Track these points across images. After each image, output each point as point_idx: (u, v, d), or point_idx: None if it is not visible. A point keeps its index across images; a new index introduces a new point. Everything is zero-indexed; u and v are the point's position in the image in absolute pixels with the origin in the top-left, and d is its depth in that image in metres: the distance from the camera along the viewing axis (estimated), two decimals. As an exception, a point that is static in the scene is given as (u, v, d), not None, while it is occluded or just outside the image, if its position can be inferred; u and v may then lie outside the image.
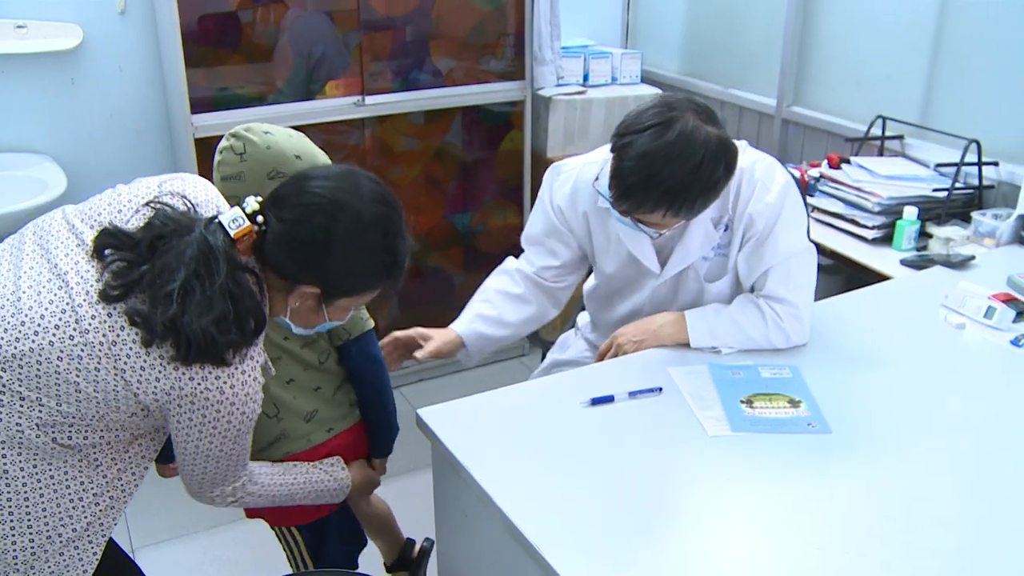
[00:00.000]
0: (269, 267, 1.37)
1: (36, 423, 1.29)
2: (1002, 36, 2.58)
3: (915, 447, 1.54)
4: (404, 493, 2.68)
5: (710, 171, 1.62)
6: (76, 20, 2.82)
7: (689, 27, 3.73)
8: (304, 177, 1.39)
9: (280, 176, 1.64)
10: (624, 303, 2.01)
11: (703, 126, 1.62)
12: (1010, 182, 2.58)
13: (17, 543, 1.32)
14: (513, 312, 1.98)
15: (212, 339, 1.25)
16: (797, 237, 1.82)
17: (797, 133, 3.26)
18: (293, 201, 1.35)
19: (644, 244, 1.86)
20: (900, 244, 2.50)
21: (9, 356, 1.26)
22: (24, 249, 1.35)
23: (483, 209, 3.49)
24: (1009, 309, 1.95)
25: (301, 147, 1.70)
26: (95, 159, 3.00)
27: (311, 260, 1.36)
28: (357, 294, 1.44)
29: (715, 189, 1.66)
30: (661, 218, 1.68)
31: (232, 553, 2.58)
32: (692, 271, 1.89)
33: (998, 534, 1.33)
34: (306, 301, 1.42)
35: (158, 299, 1.24)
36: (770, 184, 1.80)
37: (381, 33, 3.03)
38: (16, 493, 1.30)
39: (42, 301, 1.27)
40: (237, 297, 1.29)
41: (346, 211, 1.35)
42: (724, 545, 1.33)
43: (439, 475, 1.64)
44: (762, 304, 1.82)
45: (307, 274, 1.37)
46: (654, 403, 1.66)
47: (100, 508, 1.39)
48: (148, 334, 1.25)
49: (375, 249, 1.39)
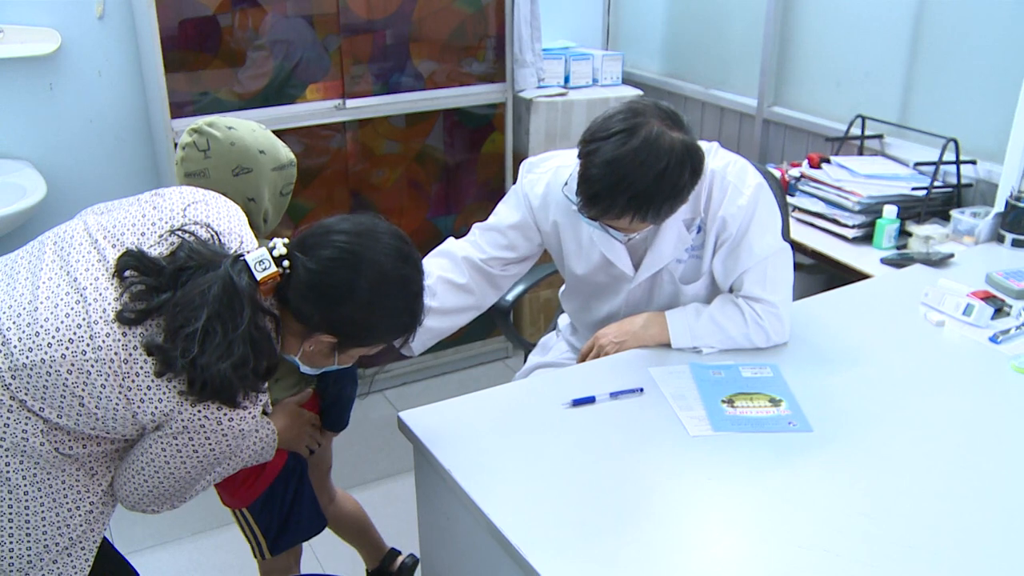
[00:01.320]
0: (289, 310, 1.39)
1: (41, 431, 1.30)
2: (979, 35, 2.60)
3: (895, 445, 1.54)
4: (386, 497, 2.68)
5: (676, 176, 1.62)
6: (54, 24, 2.80)
7: (670, 28, 3.74)
8: (329, 229, 1.39)
9: (244, 172, 1.63)
10: (600, 306, 2.01)
11: (668, 132, 1.62)
12: (988, 180, 2.60)
13: (15, 550, 1.32)
14: (455, 302, 1.93)
15: (228, 383, 1.28)
16: (772, 238, 1.83)
17: (778, 133, 3.27)
18: (320, 251, 1.36)
19: (617, 247, 1.87)
20: (880, 243, 2.51)
21: (20, 365, 1.27)
22: (43, 258, 1.36)
23: (465, 211, 3.48)
24: (987, 306, 1.96)
25: (265, 142, 1.69)
26: (75, 164, 2.98)
27: (333, 311, 1.37)
28: (371, 345, 1.47)
29: (681, 194, 1.67)
30: (628, 223, 1.68)
31: (216, 559, 2.57)
32: (667, 273, 1.89)
33: (977, 530, 1.33)
34: (320, 347, 1.44)
35: (178, 336, 1.26)
36: (742, 187, 1.80)
37: (361, 36, 3.02)
38: (17, 501, 1.31)
39: (59, 314, 1.28)
40: (257, 342, 1.30)
41: (372, 268, 1.36)
42: (706, 544, 1.33)
43: (421, 478, 1.64)
44: (741, 303, 1.83)
45: (327, 324, 1.39)
46: (635, 404, 1.66)
47: (93, 516, 1.40)
48: (163, 367, 1.27)
49: (396, 309, 1.41)
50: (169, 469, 1.37)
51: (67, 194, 2.96)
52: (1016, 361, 1.80)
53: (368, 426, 3.16)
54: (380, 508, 2.54)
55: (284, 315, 1.39)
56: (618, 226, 1.71)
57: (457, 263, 1.94)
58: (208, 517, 2.65)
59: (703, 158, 1.68)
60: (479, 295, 1.96)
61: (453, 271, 1.93)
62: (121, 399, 1.29)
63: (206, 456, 1.37)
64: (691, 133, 1.66)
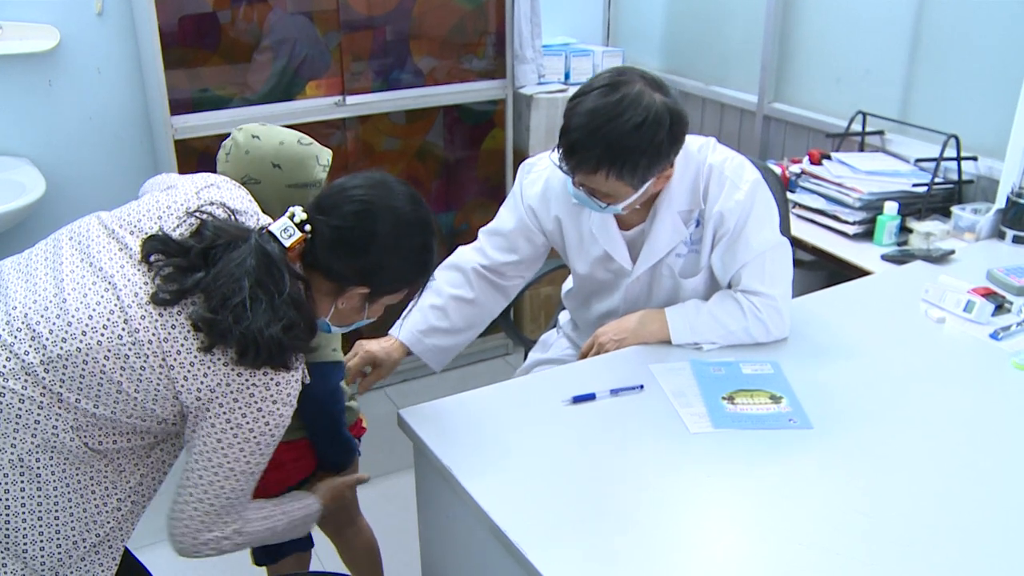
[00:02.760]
0: (318, 272, 1.43)
1: (71, 426, 1.31)
2: (979, 32, 2.59)
3: (895, 442, 1.54)
4: (386, 494, 2.68)
5: (652, 132, 1.62)
6: (52, 21, 2.80)
7: (670, 24, 3.74)
8: (344, 187, 1.45)
9: (252, 182, 1.63)
10: (600, 303, 2.01)
11: (651, 91, 1.64)
12: (989, 177, 2.59)
13: (46, 548, 1.33)
14: (467, 319, 1.97)
15: (281, 345, 1.32)
16: (769, 233, 1.83)
17: (778, 129, 3.27)
18: (339, 208, 1.41)
19: (616, 241, 1.87)
20: (881, 239, 2.51)
21: (54, 356, 1.29)
22: (61, 253, 1.38)
23: (465, 208, 3.48)
24: (988, 303, 1.96)
25: (288, 158, 1.67)
26: (74, 161, 2.98)
27: (363, 260, 1.43)
28: (398, 290, 1.52)
29: (658, 152, 1.65)
30: (605, 180, 1.66)
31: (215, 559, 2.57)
32: (666, 268, 1.89)
33: (977, 527, 1.33)
34: (352, 301, 1.48)
35: (226, 308, 1.29)
36: (739, 182, 1.80)
37: (361, 33, 3.02)
38: (47, 497, 1.32)
39: (88, 303, 1.31)
40: (300, 304, 1.36)
41: (389, 213, 1.43)
42: (706, 541, 1.33)
43: (421, 475, 1.64)
44: (740, 297, 1.83)
45: (358, 275, 1.44)
46: (636, 401, 1.66)
47: (121, 514, 1.41)
48: (211, 339, 1.30)
49: (416, 247, 1.47)
50: (217, 467, 1.37)
51: (66, 191, 2.96)
52: (1017, 358, 1.79)
53: (368, 423, 3.16)
54: (380, 505, 2.53)
55: (312, 277, 1.43)
56: (596, 186, 1.69)
57: (467, 276, 1.97)
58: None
59: (684, 124, 1.67)
60: (489, 306, 2.00)
61: (463, 286, 1.96)
62: (163, 379, 1.31)
63: (258, 436, 1.37)
64: (675, 100, 1.67)
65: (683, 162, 1.79)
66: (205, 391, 1.33)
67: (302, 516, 1.60)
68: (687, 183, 1.81)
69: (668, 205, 1.81)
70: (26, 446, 1.29)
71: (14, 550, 1.31)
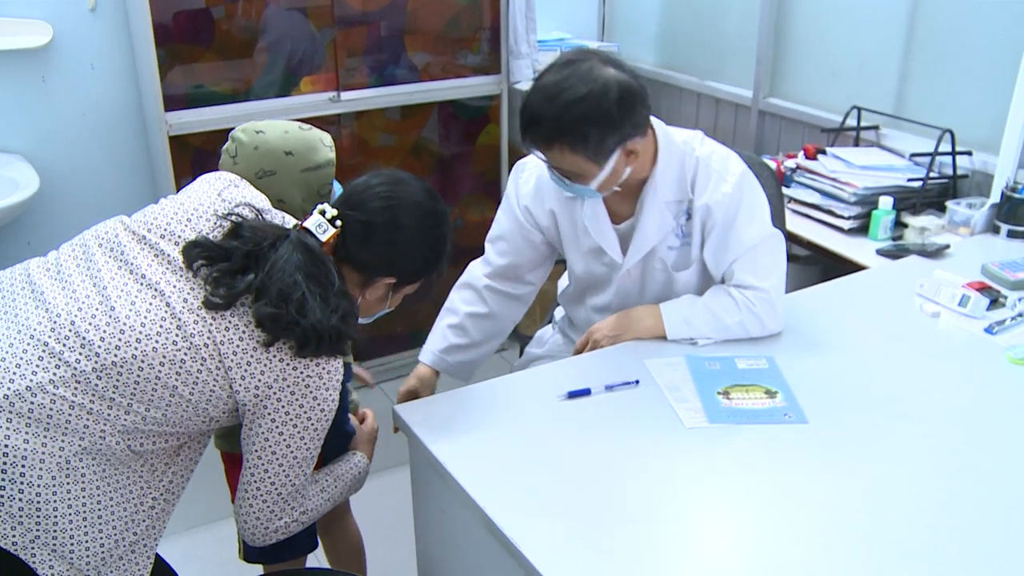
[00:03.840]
0: (348, 264, 1.52)
1: (119, 430, 1.33)
2: (974, 26, 2.59)
3: (890, 436, 1.54)
4: (382, 489, 2.68)
5: (597, 100, 1.62)
6: (45, 17, 2.79)
7: (665, 19, 3.73)
8: (368, 184, 1.54)
9: (267, 174, 1.67)
10: (594, 298, 2.02)
11: (602, 66, 1.66)
12: (983, 171, 2.60)
13: (90, 548, 1.35)
14: (485, 333, 2.01)
15: (340, 334, 1.40)
16: (760, 226, 1.83)
17: (773, 124, 3.27)
18: (366, 204, 1.51)
19: (607, 233, 1.87)
20: (876, 234, 2.51)
21: (108, 364, 1.31)
22: (95, 260, 1.40)
23: (461, 204, 3.48)
24: (983, 297, 1.96)
25: (296, 144, 1.71)
26: (68, 158, 2.97)
27: (389, 252, 1.52)
28: (419, 279, 1.61)
29: (609, 123, 1.64)
30: (562, 156, 1.67)
31: (212, 553, 2.57)
32: (659, 261, 1.89)
33: (974, 521, 1.33)
34: (377, 292, 1.57)
35: (287, 302, 1.35)
36: (726, 175, 1.81)
37: (356, 28, 3.01)
38: (90, 498, 1.34)
39: (139, 311, 1.34)
40: (346, 294, 1.46)
41: (413, 206, 1.53)
42: (701, 536, 1.33)
43: (416, 471, 1.64)
44: (733, 292, 1.83)
45: (385, 266, 1.54)
46: (631, 396, 1.66)
47: (155, 512, 1.44)
48: (275, 334, 1.36)
49: (436, 237, 1.57)
50: (280, 455, 1.43)
51: (60, 188, 2.95)
52: (1011, 352, 1.80)
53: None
54: (375, 501, 2.53)
55: (343, 270, 1.51)
56: (558, 164, 1.71)
57: (478, 292, 2.01)
58: (204, 511, 2.65)
59: (637, 95, 1.67)
60: (505, 316, 2.03)
61: (477, 303, 2.00)
62: (220, 379, 1.36)
63: (315, 421, 1.43)
64: (631, 75, 1.68)
65: (668, 152, 1.80)
66: (263, 387, 1.38)
67: (353, 475, 1.66)
68: (673, 173, 1.81)
69: (654, 195, 1.81)
70: (73, 449, 1.31)
71: (60, 551, 1.32)
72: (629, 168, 1.74)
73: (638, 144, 1.71)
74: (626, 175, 1.74)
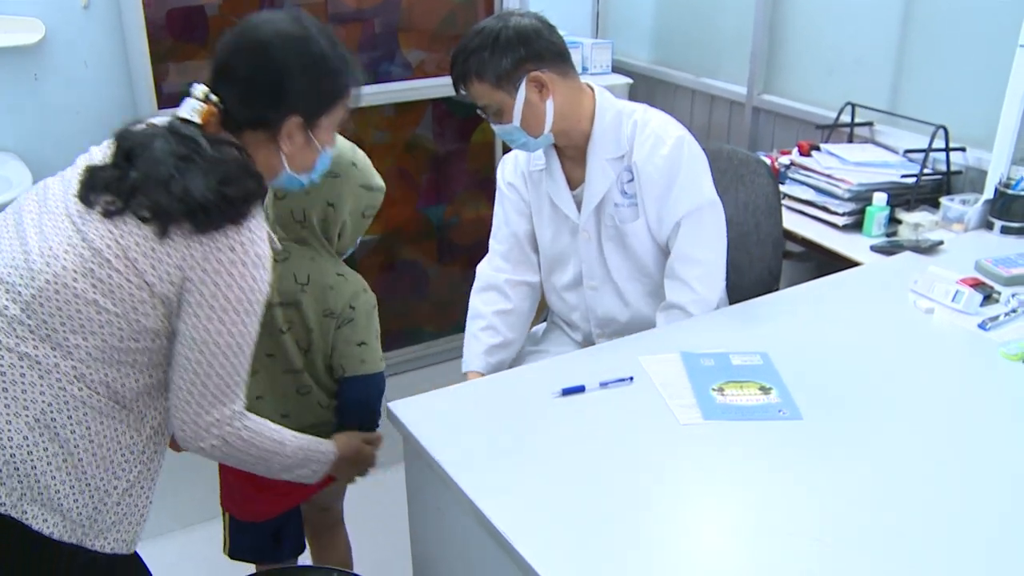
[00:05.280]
0: (246, 131, 1.48)
1: (73, 376, 1.34)
2: (968, 23, 2.59)
3: (885, 431, 1.55)
4: (377, 487, 2.67)
5: (494, 31, 1.81)
6: (37, 14, 2.77)
7: (660, 16, 3.73)
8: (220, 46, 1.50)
9: (332, 176, 1.72)
10: (562, 274, 2.11)
11: (513, 17, 1.85)
12: (977, 167, 2.60)
13: (79, 500, 1.36)
14: (514, 327, 2.11)
15: (226, 198, 1.36)
16: (699, 189, 1.92)
17: (768, 121, 3.27)
18: (228, 63, 1.47)
19: (564, 194, 2.00)
20: (870, 230, 2.51)
21: (29, 298, 1.33)
22: (23, 213, 1.44)
23: (456, 201, 3.48)
24: (977, 293, 1.96)
25: (361, 159, 1.80)
26: (61, 156, 2.90)
27: (269, 93, 1.46)
28: (332, 105, 1.56)
29: (499, 45, 1.80)
30: (473, 88, 1.84)
31: (207, 551, 2.56)
32: (608, 218, 1.97)
33: (967, 516, 1.34)
34: (295, 137, 1.51)
35: (160, 188, 1.34)
36: (665, 137, 1.90)
37: (350, 26, 3.01)
38: (70, 454, 1.35)
39: (47, 237, 1.36)
40: (229, 159, 1.41)
41: (273, 37, 1.46)
42: (696, 533, 1.33)
43: (411, 469, 1.64)
44: (676, 295, 1.95)
45: (275, 107, 1.47)
46: (625, 392, 1.66)
47: (147, 456, 1.45)
48: (162, 223, 1.34)
49: (321, 54, 1.50)
50: (205, 341, 1.39)
51: (54, 186, 2.94)
52: (1005, 348, 1.80)
53: (359, 417, 3.16)
54: (370, 499, 2.53)
55: (246, 140, 1.48)
56: (477, 99, 1.86)
57: (498, 288, 2.11)
58: (199, 510, 2.65)
59: (538, 29, 1.86)
60: (525, 310, 2.14)
61: (499, 300, 2.10)
62: (133, 279, 1.34)
63: (237, 300, 1.39)
64: (545, 23, 1.89)
65: (604, 111, 1.92)
66: (175, 272, 1.36)
67: (314, 453, 1.62)
68: (610, 132, 1.92)
69: (595, 153, 1.93)
70: (39, 406, 1.32)
71: (51, 505, 1.34)
72: (549, 106, 1.85)
73: (546, 75, 1.83)
74: (549, 113, 1.86)
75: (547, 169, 2.01)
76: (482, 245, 2.16)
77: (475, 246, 3.63)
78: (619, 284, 2.02)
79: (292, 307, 1.74)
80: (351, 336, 1.76)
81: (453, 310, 3.51)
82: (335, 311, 1.74)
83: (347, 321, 1.75)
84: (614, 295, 2.04)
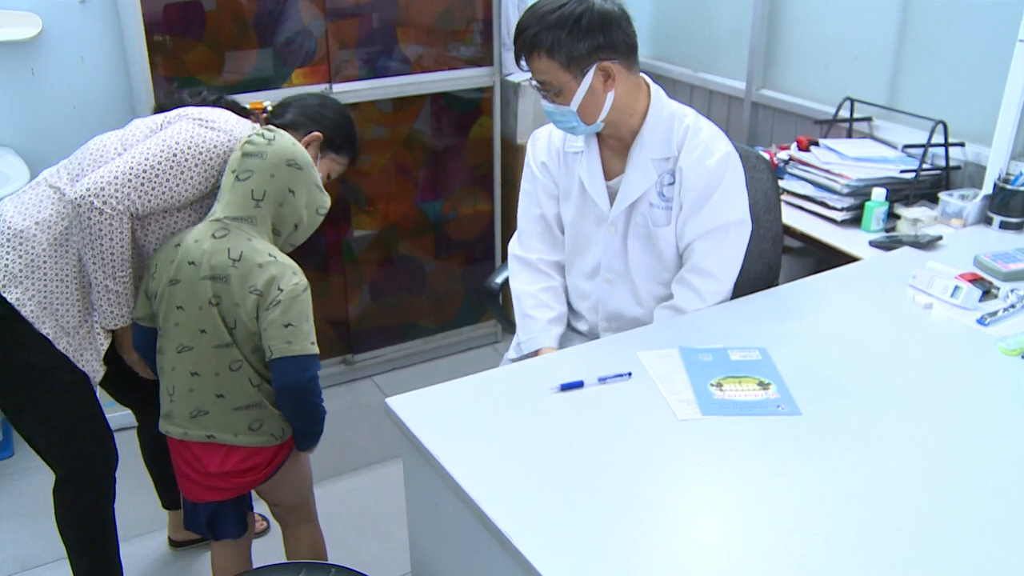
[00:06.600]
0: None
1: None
2: (967, 17, 2.59)
3: (883, 427, 1.54)
4: (375, 483, 2.68)
5: (575, 11, 1.76)
6: (34, 9, 2.77)
7: (658, 11, 3.73)
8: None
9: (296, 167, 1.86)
10: (582, 263, 2.09)
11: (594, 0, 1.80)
12: (976, 163, 2.60)
13: (70, 311, 1.88)
14: (561, 300, 2.13)
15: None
16: (734, 206, 1.92)
17: (767, 116, 3.27)
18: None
19: (599, 185, 1.97)
20: (869, 225, 2.51)
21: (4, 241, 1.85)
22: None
23: (453, 196, 3.47)
24: (975, 289, 1.96)
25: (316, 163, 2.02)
26: (58, 151, 2.93)
27: None
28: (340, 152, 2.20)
29: (580, 28, 1.75)
30: (539, 61, 1.80)
31: (200, 550, 2.56)
32: (640, 217, 1.96)
33: (965, 512, 1.34)
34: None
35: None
36: (714, 150, 1.89)
37: (348, 20, 3.00)
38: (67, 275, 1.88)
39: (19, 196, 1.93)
40: None
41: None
42: (694, 528, 1.33)
43: (409, 464, 1.63)
44: (680, 307, 1.95)
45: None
46: (624, 388, 1.66)
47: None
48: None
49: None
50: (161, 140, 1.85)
51: (51, 181, 2.93)
52: (1003, 343, 1.80)
53: (357, 412, 3.16)
54: (369, 495, 2.53)
55: None
56: (538, 73, 1.82)
57: (537, 268, 2.13)
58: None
59: (618, 17, 1.80)
60: (561, 287, 2.15)
61: (542, 279, 2.13)
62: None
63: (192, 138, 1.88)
64: (621, 9, 1.82)
65: (658, 109, 1.91)
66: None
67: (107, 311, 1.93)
68: (661, 132, 1.91)
69: (641, 149, 1.91)
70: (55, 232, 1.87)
71: (50, 309, 1.85)
72: (610, 96, 1.83)
73: (615, 67, 1.80)
74: (608, 105, 1.84)
75: (585, 153, 1.97)
76: (480, 240, 2.16)
77: (473, 241, 3.63)
78: (636, 282, 2.01)
79: (221, 281, 1.79)
80: (278, 318, 1.78)
81: (450, 306, 3.51)
82: (260, 288, 1.78)
83: (275, 303, 1.78)
84: (629, 292, 2.03)
